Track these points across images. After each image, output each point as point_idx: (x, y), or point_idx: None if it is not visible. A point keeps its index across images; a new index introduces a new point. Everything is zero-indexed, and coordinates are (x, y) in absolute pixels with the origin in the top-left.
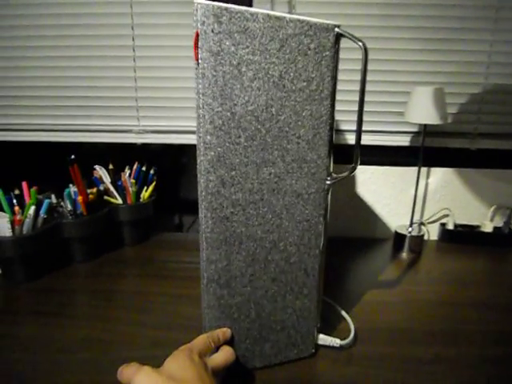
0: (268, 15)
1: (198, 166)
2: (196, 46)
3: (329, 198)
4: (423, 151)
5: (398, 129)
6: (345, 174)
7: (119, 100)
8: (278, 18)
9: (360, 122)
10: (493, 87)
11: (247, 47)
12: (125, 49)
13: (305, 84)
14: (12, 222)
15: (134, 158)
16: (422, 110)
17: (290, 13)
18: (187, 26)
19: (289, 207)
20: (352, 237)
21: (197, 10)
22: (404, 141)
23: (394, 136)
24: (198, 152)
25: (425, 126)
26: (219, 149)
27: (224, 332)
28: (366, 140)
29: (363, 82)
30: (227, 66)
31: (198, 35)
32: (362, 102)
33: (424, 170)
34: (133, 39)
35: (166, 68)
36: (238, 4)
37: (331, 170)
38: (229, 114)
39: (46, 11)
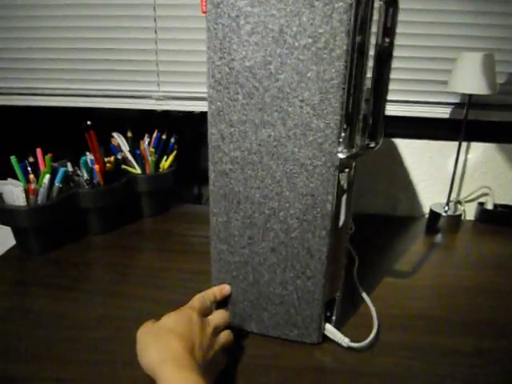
0: None
1: None
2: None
3: (351, 174)
4: (466, 124)
5: (438, 99)
6: (361, 151)
7: (139, 64)
8: None
9: (378, 94)
10: None
11: None
12: (145, 7)
13: (310, 41)
14: (26, 191)
15: (153, 125)
16: (469, 79)
17: None
18: None
19: (290, 176)
20: (383, 214)
21: None
22: (444, 112)
23: (433, 107)
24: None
25: (469, 96)
26: (219, 103)
27: (221, 289)
28: (402, 111)
29: (387, 47)
30: (226, 19)
31: None
32: (381, 73)
33: (464, 144)
34: None
35: (189, 29)
36: None
37: (354, 143)
38: (227, 68)
39: None
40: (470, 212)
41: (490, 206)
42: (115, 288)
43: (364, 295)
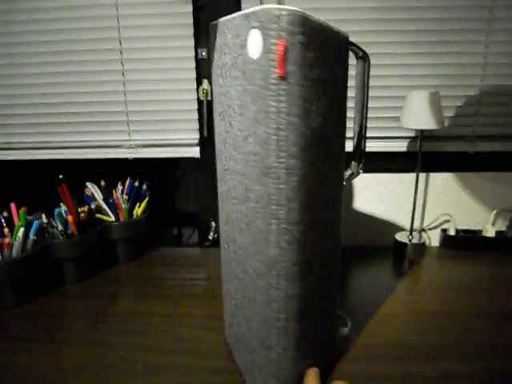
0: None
1: (273, 197)
2: (283, 61)
3: None
4: (421, 156)
5: (394, 134)
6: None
7: (109, 115)
8: None
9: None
10: (489, 89)
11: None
12: (113, 63)
13: None
14: (1, 246)
15: (126, 172)
16: (418, 115)
17: None
18: (175, 37)
19: None
20: (350, 246)
21: (278, 18)
22: (401, 146)
23: (390, 142)
24: (274, 180)
25: (421, 131)
26: (302, 171)
27: None
28: None
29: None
30: (310, 81)
31: (285, 48)
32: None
33: (423, 175)
34: (121, 52)
35: (156, 81)
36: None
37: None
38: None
39: (34, 27)
40: (434, 238)
41: (452, 232)
42: (93, 337)
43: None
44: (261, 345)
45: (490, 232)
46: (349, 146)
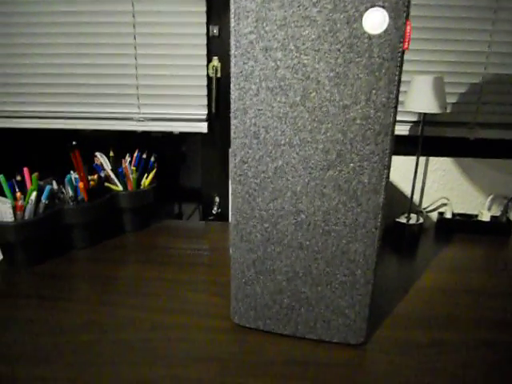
0: None
1: (387, 151)
2: (410, 37)
3: None
4: (422, 140)
5: (398, 118)
6: None
7: (120, 87)
8: None
9: None
10: (492, 77)
11: None
12: (125, 36)
13: None
14: (14, 208)
15: (134, 144)
16: (422, 99)
17: None
18: (188, 13)
19: None
20: None
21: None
22: (403, 130)
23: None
24: (390, 137)
25: (424, 115)
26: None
27: None
28: None
29: None
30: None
31: (411, 26)
32: None
33: (422, 159)
34: (134, 26)
35: (167, 56)
36: None
37: None
38: None
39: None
40: (431, 221)
41: (448, 215)
42: (100, 297)
43: None
44: (354, 283)
45: (486, 217)
46: None
